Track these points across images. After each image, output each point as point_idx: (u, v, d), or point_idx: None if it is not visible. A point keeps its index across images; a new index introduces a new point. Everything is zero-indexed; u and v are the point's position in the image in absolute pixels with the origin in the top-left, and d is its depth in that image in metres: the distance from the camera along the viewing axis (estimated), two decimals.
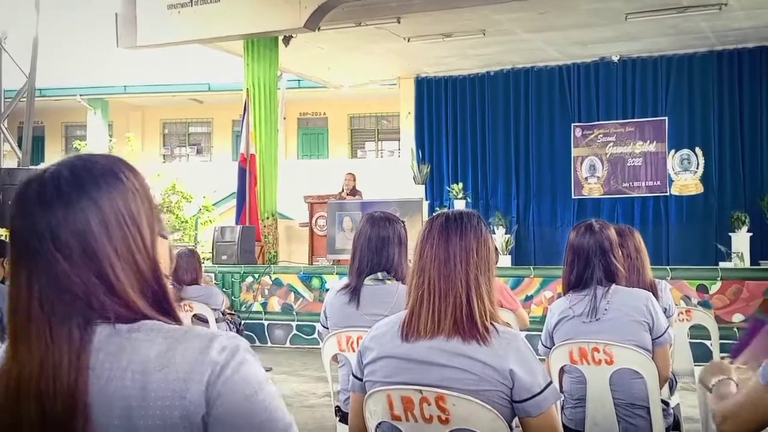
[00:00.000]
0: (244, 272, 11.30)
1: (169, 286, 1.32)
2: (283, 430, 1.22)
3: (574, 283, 3.51)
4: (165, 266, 1.34)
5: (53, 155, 23.55)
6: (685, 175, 13.23)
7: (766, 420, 1.77)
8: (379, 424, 2.29)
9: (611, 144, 13.71)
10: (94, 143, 20.98)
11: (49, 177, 1.27)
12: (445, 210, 2.46)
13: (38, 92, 13.58)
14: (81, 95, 22.12)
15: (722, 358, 2.19)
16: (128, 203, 1.29)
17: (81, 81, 21.85)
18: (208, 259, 12.06)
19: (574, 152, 13.94)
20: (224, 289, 10.87)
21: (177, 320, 1.28)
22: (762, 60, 12.80)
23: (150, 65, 19.54)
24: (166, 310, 1.28)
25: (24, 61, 12.12)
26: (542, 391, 2.18)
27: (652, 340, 3.43)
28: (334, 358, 3.70)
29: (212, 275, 10.81)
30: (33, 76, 12.01)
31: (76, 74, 21.61)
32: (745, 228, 11.59)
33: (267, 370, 5.42)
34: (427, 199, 13.86)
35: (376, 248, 3.52)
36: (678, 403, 4.33)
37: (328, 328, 3.70)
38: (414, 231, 2.71)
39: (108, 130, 22.73)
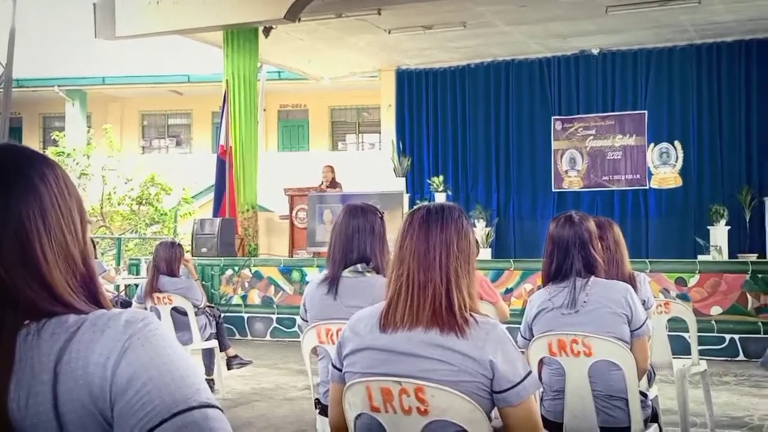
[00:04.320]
0: (223, 265, 11.27)
1: (104, 271, 1.28)
2: (195, 390, 1.14)
3: (554, 275, 3.52)
4: (91, 252, 1.31)
5: (31, 146, 23.33)
6: (665, 169, 13.31)
7: None
8: (359, 415, 2.28)
9: (591, 137, 13.77)
10: (73, 134, 20.83)
11: None
12: (427, 203, 2.45)
13: (16, 83, 13.46)
14: (59, 86, 21.96)
15: None
16: (61, 188, 1.25)
17: (59, 72, 21.69)
18: (187, 251, 12.01)
19: (555, 145, 13.98)
20: (204, 282, 10.82)
21: (103, 306, 1.24)
22: (741, 54, 12.89)
23: (129, 56, 19.42)
24: (93, 295, 1.25)
25: (1, 51, 11.99)
26: (522, 381, 2.18)
27: (631, 332, 3.44)
28: (314, 350, 3.69)
29: None
30: (10, 67, 11.89)
31: (55, 65, 21.45)
32: (723, 221, 11.68)
33: (247, 363, 5.40)
34: (407, 192, 13.86)
35: (348, 237, 3.52)
36: (656, 395, 4.35)
37: (307, 321, 3.69)
38: (394, 224, 2.70)
39: (86, 121, 22.57)
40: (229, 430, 1.15)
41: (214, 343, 7.15)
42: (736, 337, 9.00)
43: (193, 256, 11.34)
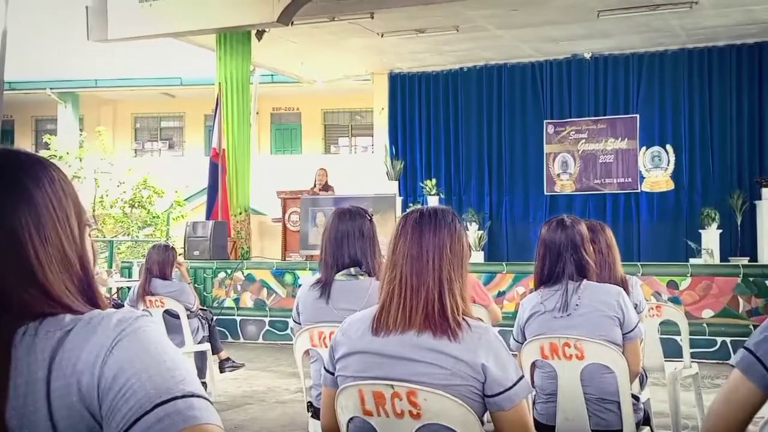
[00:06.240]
0: (216, 268, 11.25)
1: (96, 273, 1.27)
2: (180, 380, 1.14)
3: (546, 278, 3.53)
4: (90, 255, 1.31)
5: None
6: (656, 172, 13.34)
7: (739, 411, 1.72)
8: (351, 419, 2.29)
9: (583, 141, 13.80)
10: (65, 137, 20.77)
11: None
12: (420, 206, 2.45)
13: (7, 85, 13.42)
14: (51, 89, 21.88)
15: None
16: (57, 192, 1.26)
17: (51, 74, 21.62)
18: (180, 255, 12.00)
19: (547, 149, 14.01)
20: (196, 285, 10.81)
21: (101, 307, 1.24)
22: (731, 58, 12.93)
23: (121, 59, 19.38)
24: (91, 298, 1.25)
25: None
26: (514, 385, 2.18)
27: (623, 335, 3.45)
28: (306, 353, 3.70)
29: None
30: (2, 69, 11.83)
31: (47, 67, 21.37)
32: (714, 225, 11.72)
33: (239, 366, 5.39)
34: (400, 195, 13.88)
35: (338, 242, 3.53)
36: (648, 398, 4.36)
37: (300, 324, 3.69)
38: (387, 227, 2.71)
39: (79, 124, 22.50)
40: (214, 418, 1.14)
41: (206, 346, 7.14)
42: (728, 339, 9.03)
43: (185, 258, 11.31)
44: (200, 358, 7.18)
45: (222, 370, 7.64)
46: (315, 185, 13.00)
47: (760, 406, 1.70)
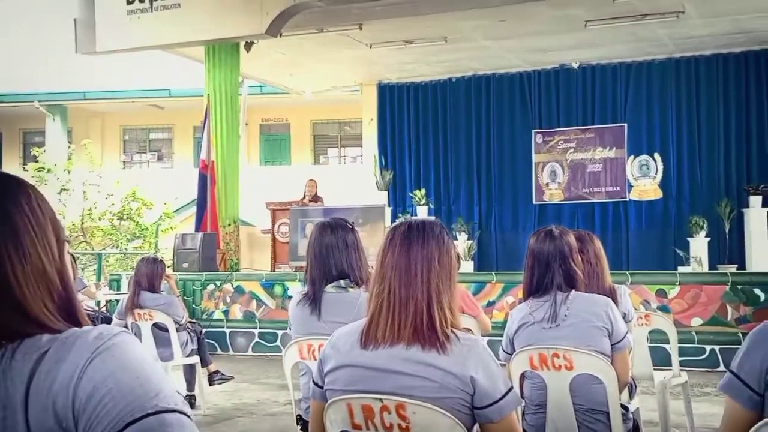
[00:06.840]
0: (205, 280, 11.22)
1: (84, 287, 1.27)
2: (153, 395, 1.13)
3: (534, 289, 3.53)
4: (70, 271, 1.30)
5: (11, 162, 23.22)
6: (644, 181, 13.39)
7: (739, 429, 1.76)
8: None
9: (572, 150, 13.84)
10: (53, 150, 20.70)
11: None
12: (408, 218, 2.45)
13: None
14: (39, 101, 21.81)
15: None
16: (34, 210, 1.24)
17: (39, 87, 21.56)
18: (169, 267, 11.96)
19: (535, 158, 14.05)
20: (185, 297, 10.76)
21: (81, 325, 1.23)
22: (718, 67, 13.02)
23: (110, 71, 19.34)
24: (72, 314, 1.24)
25: None
26: (503, 397, 2.18)
27: (612, 345, 3.45)
28: (296, 365, 3.69)
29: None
30: None
31: (35, 80, 21.31)
32: (703, 233, 11.77)
33: (229, 379, 5.37)
34: (389, 206, 13.88)
35: (322, 256, 3.54)
36: (638, 408, 4.36)
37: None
38: (376, 237, 2.71)
39: (67, 136, 22.43)
40: None
41: (195, 359, 7.12)
42: (717, 347, 9.05)
43: (174, 271, 11.27)
44: (189, 371, 7.15)
45: (211, 382, 7.61)
46: (304, 196, 12.99)
47: (753, 424, 1.72)
